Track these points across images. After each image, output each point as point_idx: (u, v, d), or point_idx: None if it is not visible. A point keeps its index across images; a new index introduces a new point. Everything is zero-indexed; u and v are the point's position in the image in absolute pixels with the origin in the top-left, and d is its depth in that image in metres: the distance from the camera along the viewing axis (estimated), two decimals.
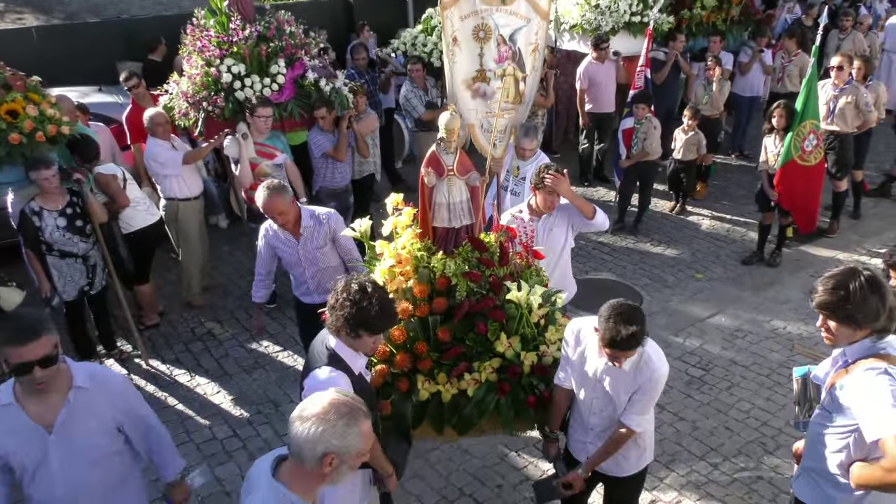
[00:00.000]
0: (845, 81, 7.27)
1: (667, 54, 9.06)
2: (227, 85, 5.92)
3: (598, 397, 3.29)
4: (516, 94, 4.58)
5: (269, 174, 5.89)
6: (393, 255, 3.63)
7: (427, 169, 3.60)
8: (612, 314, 2.95)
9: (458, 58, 4.44)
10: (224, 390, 5.52)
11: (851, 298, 2.67)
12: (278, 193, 4.26)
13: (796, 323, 6.21)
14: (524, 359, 3.56)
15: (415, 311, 3.56)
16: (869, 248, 7.47)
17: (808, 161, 6.61)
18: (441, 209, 3.67)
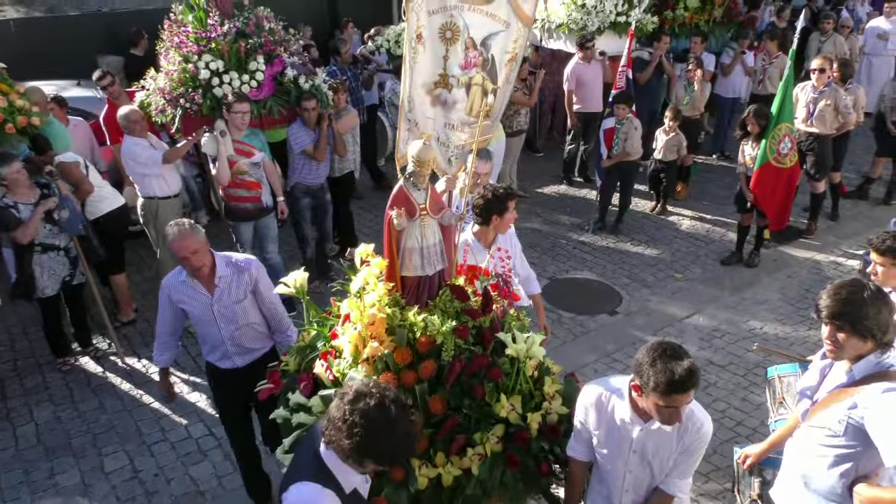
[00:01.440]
0: (825, 84, 7.32)
1: (651, 55, 9.10)
2: (204, 81, 5.86)
3: (634, 470, 2.87)
4: (481, 108, 4.04)
5: (247, 172, 5.86)
6: (366, 317, 3.04)
7: (397, 210, 3.08)
8: (656, 355, 2.54)
9: (421, 58, 3.92)
10: (200, 389, 5.49)
11: (867, 309, 2.65)
12: (190, 232, 3.65)
13: (773, 324, 6.26)
14: (530, 421, 3.09)
15: (399, 381, 3.01)
16: (846, 250, 7.54)
17: (783, 163, 6.69)
18: (412, 255, 3.17)
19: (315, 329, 3.46)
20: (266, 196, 6.14)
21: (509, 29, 3.89)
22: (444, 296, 3.22)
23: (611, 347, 5.92)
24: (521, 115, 8.44)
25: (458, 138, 4.09)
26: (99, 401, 5.44)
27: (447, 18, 3.82)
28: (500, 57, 4.00)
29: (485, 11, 3.88)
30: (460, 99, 3.99)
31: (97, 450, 4.95)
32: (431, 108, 4.04)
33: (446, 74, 3.93)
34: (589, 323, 6.26)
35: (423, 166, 3.14)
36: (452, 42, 3.91)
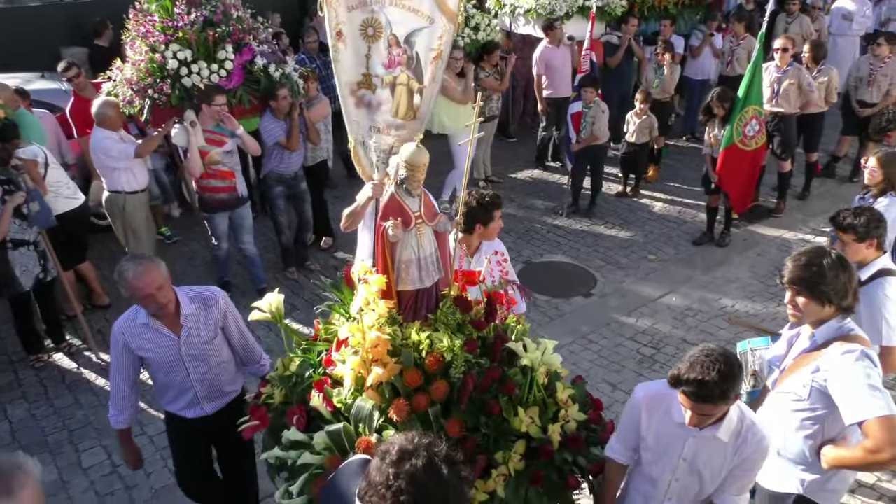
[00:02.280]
0: (788, 63, 7.43)
1: (620, 38, 9.15)
2: (173, 71, 5.79)
3: (681, 479, 2.74)
4: (408, 109, 3.80)
5: (220, 162, 5.80)
6: (369, 342, 2.77)
7: (393, 221, 2.84)
8: (698, 353, 2.49)
9: (343, 56, 3.65)
10: None
11: (825, 274, 2.76)
12: (151, 265, 3.22)
13: (744, 301, 6.38)
14: (551, 433, 2.89)
15: (411, 406, 2.76)
16: (814, 227, 7.69)
17: (748, 146, 6.76)
18: (410, 267, 2.94)
19: (300, 356, 3.17)
20: (241, 185, 6.10)
21: (433, 25, 3.67)
22: (445, 308, 3.02)
23: (586, 329, 5.99)
24: (494, 100, 8.46)
25: (383, 142, 3.85)
26: (74, 397, 5.39)
27: (368, 14, 3.59)
28: (425, 55, 3.77)
29: (407, 7, 3.63)
30: (385, 100, 3.76)
31: (74, 446, 4.91)
32: (355, 109, 3.81)
33: (369, 74, 3.70)
34: (564, 306, 6.32)
35: (416, 170, 2.90)
36: (374, 39, 3.65)
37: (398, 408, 2.68)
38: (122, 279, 3.19)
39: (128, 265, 3.19)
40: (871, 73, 8.11)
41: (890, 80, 8.03)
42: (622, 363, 5.58)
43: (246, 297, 6.48)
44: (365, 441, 2.62)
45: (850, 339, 2.79)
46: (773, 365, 3.18)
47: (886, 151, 4.83)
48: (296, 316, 6.22)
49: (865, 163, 4.87)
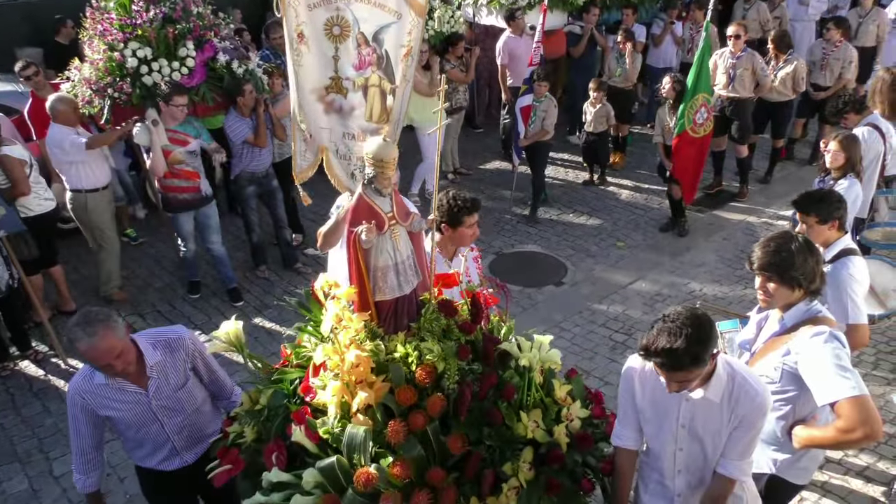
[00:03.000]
0: (742, 49, 7.57)
1: (583, 28, 9.21)
2: (132, 70, 5.69)
3: (685, 447, 2.67)
4: (382, 111, 3.54)
5: (183, 162, 5.72)
6: (348, 364, 2.50)
7: (367, 224, 2.57)
8: (664, 318, 2.43)
9: (307, 60, 3.39)
10: None
11: (794, 259, 2.81)
12: (106, 330, 2.80)
13: (711, 285, 6.49)
14: (557, 435, 2.71)
15: (408, 427, 2.52)
16: (776, 211, 7.85)
17: (698, 133, 6.86)
18: (387, 275, 2.68)
19: (269, 387, 2.84)
20: (205, 185, 6.02)
21: (401, 20, 3.42)
22: (428, 314, 2.79)
23: (559, 317, 6.04)
24: (460, 92, 8.46)
25: (359, 149, 3.52)
26: (42, 404, 5.28)
27: (333, 12, 3.31)
28: (395, 52, 3.51)
29: (373, 2, 3.37)
30: (358, 104, 3.50)
31: (44, 454, 4.82)
32: (325, 116, 3.54)
33: (339, 77, 3.44)
34: (536, 295, 6.37)
35: (385, 167, 2.65)
36: (342, 39, 3.37)
37: (395, 431, 2.43)
38: (75, 348, 2.78)
39: (79, 333, 2.76)
40: (824, 57, 8.30)
41: (842, 64, 8.22)
42: (595, 350, 5.65)
43: (216, 297, 6.44)
44: (364, 473, 2.36)
45: (818, 321, 2.85)
46: (744, 348, 3.24)
47: (846, 134, 4.93)
48: (268, 315, 6.18)
49: (826, 146, 4.96)
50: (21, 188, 5.47)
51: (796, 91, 8.01)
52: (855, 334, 3.45)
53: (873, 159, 5.44)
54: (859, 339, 3.49)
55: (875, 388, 4.94)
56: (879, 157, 5.51)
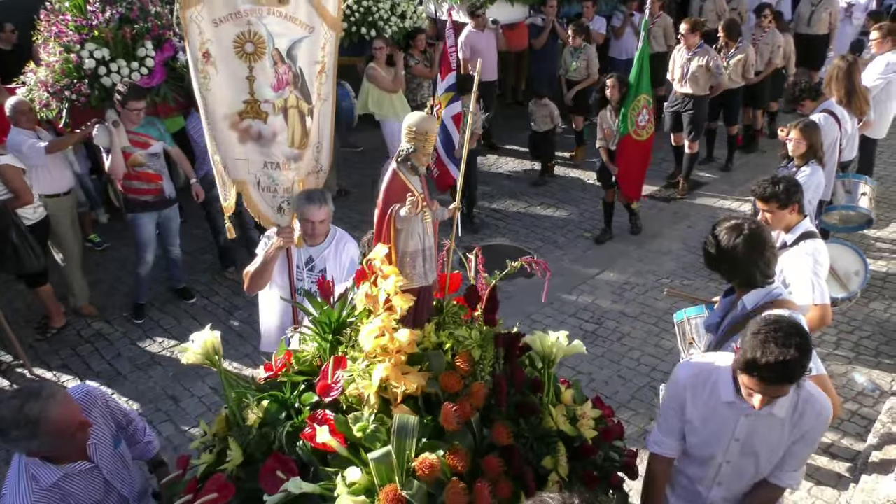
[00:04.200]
0: (696, 45, 7.59)
1: (544, 20, 9.27)
2: (90, 71, 5.57)
3: (733, 461, 2.55)
4: (303, 135, 3.25)
5: (144, 164, 5.62)
6: (397, 342, 2.27)
7: (410, 200, 2.36)
8: (764, 327, 2.22)
9: (215, 83, 3.02)
10: (118, 391, 5.29)
11: (739, 258, 2.87)
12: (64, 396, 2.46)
13: (678, 272, 6.61)
14: (582, 428, 2.60)
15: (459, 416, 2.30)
16: (738, 197, 8.01)
17: (640, 136, 6.67)
18: (416, 260, 2.47)
19: (264, 400, 2.51)
20: (168, 187, 5.92)
21: (314, 34, 3.15)
22: (450, 307, 2.63)
23: (531, 309, 6.09)
24: (425, 87, 8.45)
25: (286, 178, 3.31)
26: None
27: (244, 27, 2.96)
28: (309, 69, 3.20)
29: (283, 14, 3.03)
30: (280, 128, 3.18)
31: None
32: (241, 145, 3.18)
33: (256, 100, 3.08)
34: (507, 287, 6.41)
35: (427, 140, 2.42)
36: (256, 57, 3.00)
37: (448, 415, 2.24)
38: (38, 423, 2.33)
39: (41, 405, 2.34)
40: (755, 43, 8.48)
41: (771, 49, 8.41)
42: None
43: (171, 304, 6.33)
44: (427, 461, 2.14)
45: (778, 304, 2.93)
46: (710, 331, 3.32)
47: (806, 122, 5.05)
48: (238, 316, 6.12)
49: (787, 135, 5.07)
50: (25, 198, 5.36)
51: (746, 78, 8.16)
52: (819, 314, 3.55)
53: (830, 145, 5.58)
54: (823, 318, 3.59)
55: (837, 368, 5.09)
56: (836, 142, 5.66)
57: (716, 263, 2.97)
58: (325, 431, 2.26)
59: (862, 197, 5.75)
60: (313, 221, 3.51)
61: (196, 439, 2.67)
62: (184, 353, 2.57)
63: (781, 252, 3.61)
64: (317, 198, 3.47)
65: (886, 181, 8.03)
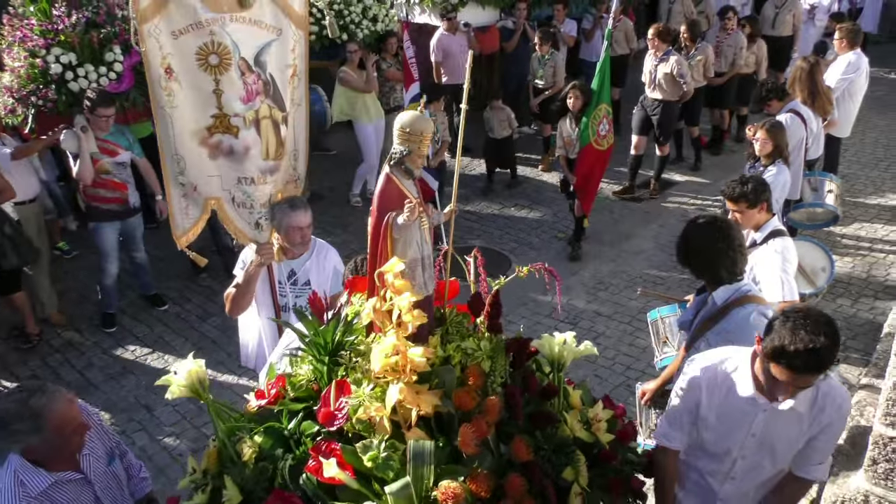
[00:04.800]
0: (663, 52, 7.65)
1: (515, 23, 9.32)
2: (57, 76, 5.48)
3: (748, 456, 2.52)
4: (279, 145, 3.09)
5: (110, 172, 5.53)
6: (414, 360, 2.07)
7: (407, 206, 2.22)
8: (793, 315, 2.20)
9: (180, 99, 2.85)
10: (90, 401, 5.11)
11: (708, 256, 2.97)
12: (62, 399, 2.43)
13: (651, 271, 6.69)
14: (598, 433, 2.47)
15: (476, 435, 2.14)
16: (708, 197, 8.13)
17: (601, 145, 6.53)
18: (415, 270, 2.31)
19: (258, 435, 2.27)
20: (134, 197, 5.82)
21: (282, 36, 3.00)
22: (452, 317, 2.49)
23: (505, 310, 6.07)
24: (397, 90, 8.43)
25: (262, 193, 3.16)
26: None
27: (206, 38, 2.77)
28: (281, 75, 3.06)
29: (247, 19, 2.85)
30: (253, 142, 3.02)
31: None
32: (212, 161, 3.01)
33: (225, 114, 2.92)
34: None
35: (422, 142, 2.28)
36: (222, 69, 2.82)
37: (467, 439, 2.06)
38: (42, 415, 2.35)
39: (46, 398, 2.38)
40: (718, 45, 8.62)
41: (734, 51, 8.54)
42: None
43: (143, 312, 6.23)
44: (449, 489, 1.98)
45: (748, 300, 2.99)
46: (683, 328, 3.37)
47: (772, 122, 5.15)
48: (212, 322, 6.06)
49: (753, 135, 5.16)
50: (8, 193, 5.25)
51: (706, 77, 8.29)
52: None
53: (797, 144, 5.70)
54: None
55: None
56: (802, 141, 5.77)
57: (687, 260, 3.07)
58: (332, 464, 2.04)
59: (828, 194, 5.87)
60: (302, 228, 3.39)
61: (178, 461, 2.63)
62: (166, 386, 2.36)
63: (751, 250, 3.68)
64: (300, 204, 3.37)
65: (851, 179, 8.21)
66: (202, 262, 3.52)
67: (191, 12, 2.75)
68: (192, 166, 3.00)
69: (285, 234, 3.40)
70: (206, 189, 3.06)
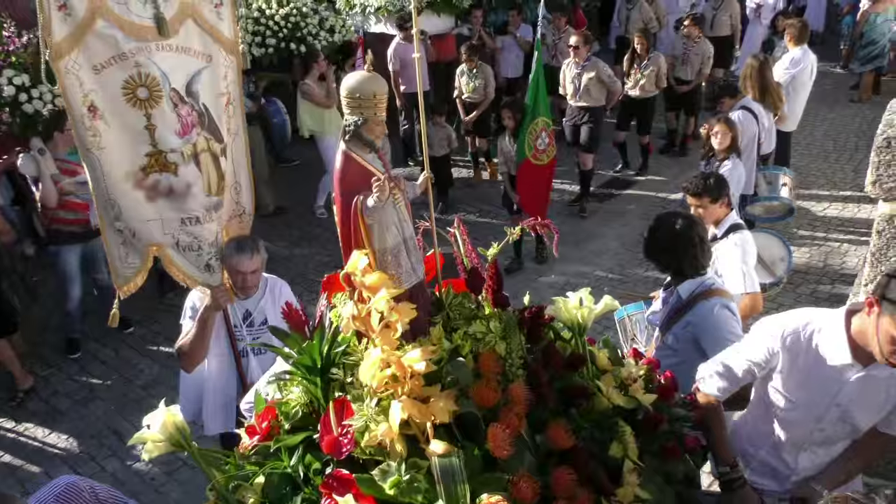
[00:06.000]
0: (584, 59, 7.53)
1: (471, 30, 9.41)
2: (10, 98, 5.38)
3: (827, 428, 2.36)
4: (220, 179, 2.87)
5: (72, 192, 5.44)
6: (411, 367, 1.79)
7: (375, 184, 1.94)
8: None
9: (107, 139, 2.61)
10: (58, 430, 5.09)
11: (670, 252, 3.07)
12: None
13: (616, 269, 6.80)
14: (638, 395, 2.23)
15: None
16: (668, 195, 8.29)
17: (541, 160, 6.36)
18: (399, 256, 2.05)
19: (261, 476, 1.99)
20: (94, 217, 5.72)
21: (213, 63, 2.81)
22: (452, 298, 2.20)
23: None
24: None
25: (209, 232, 2.93)
26: None
27: (132, 70, 2.55)
28: (215, 104, 2.85)
29: (174, 47, 2.64)
30: (194, 178, 2.80)
31: None
32: (150, 204, 2.77)
33: (160, 151, 2.68)
34: None
35: (378, 105, 2.01)
36: (153, 103, 2.60)
37: (498, 441, 1.81)
38: None
39: None
40: (685, 53, 8.76)
41: (701, 59, 8.67)
42: None
43: (108, 335, 6.12)
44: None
45: (712, 293, 3.07)
46: (653, 323, 3.45)
47: (724, 117, 5.29)
48: None
49: (711, 130, 5.29)
50: (6, 236, 5.22)
51: (659, 87, 8.38)
52: (751, 302, 3.73)
53: (750, 140, 5.86)
54: (755, 306, 3.77)
55: None
56: (755, 137, 5.93)
57: (654, 255, 3.16)
58: (349, 501, 1.77)
59: (783, 188, 6.04)
60: (244, 273, 3.12)
61: (151, 486, 2.39)
62: (140, 444, 2.06)
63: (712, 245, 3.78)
64: (248, 247, 3.11)
65: (803, 171, 8.45)
66: (115, 323, 3.28)
67: (112, 43, 2.51)
68: (128, 211, 2.76)
69: (229, 276, 3.18)
70: (146, 235, 2.83)
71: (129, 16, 2.51)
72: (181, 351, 3.21)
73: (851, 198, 7.75)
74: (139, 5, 2.52)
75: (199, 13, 2.72)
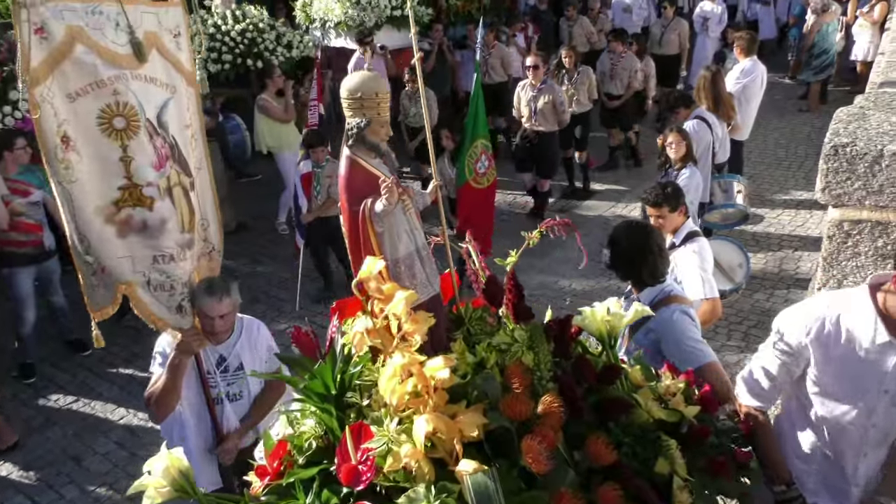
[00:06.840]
0: (541, 81, 7.48)
1: (431, 44, 9.47)
2: None
3: (879, 422, 2.12)
4: (191, 214, 2.75)
5: (24, 213, 5.30)
6: (436, 379, 1.68)
7: (384, 187, 1.87)
8: None
9: (79, 171, 2.46)
10: (11, 461, 4.92)
11: (630, 262, 3.12)
12: None
13: (579, 279, 6.87)
14: (681, 408, 2.07)
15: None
16: (627, 204, 8.41)
17: (481, 183, 6.23)
18: (413, 266, 1.99)
19: None
20: (49, 238, 5.59)
21: (177, 94, 2.72)
22: (471, 312, 2.11)
23: None
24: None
25: (183, 271, 2.78)
26: None
27: (109, 99, 2.43)
28: (182, 136, 2.74)
29: (144, 77, 2.53)
30: (169, 213, 2.66)
31: None
32: (121, 241, 2.61)
33: (135, 184, 2.54)
34: None
35: (380, 105, 1.94)
36: (130, 133, 2.48)
37: (535, 454, 1.67)
38: None
39: None
40: (612, 68, 8.90)
41: (629, 73, 8.81)
42: None
43: (64, 359, 5.96)
44: None
45: (671, 300, 3.13)
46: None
47: (678, 126, 5.41)
48: (138, 364, 5.83)
49: (666, 140, 5.40)
50: None
51: (591, 101, 8.48)
52: (710, 308, 3.79)
53: (705, 149, 6.00)
54: (714, 312, 3.84)
55: (731, 357, 5.42)
56: (710, 146, 6.07)
57: (614, 264, 3.21)
58: None
59: (738, 195, 6.19)
60: (213, 318, 2.94)
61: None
62: (139, 492, 1.87)
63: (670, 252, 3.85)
64: (218, 289, 2.92)
65: (756, 179, 8.66)
66: (100, 343, 3.08)
67: (91, 70, 2.38)
68: (97, 246, 2.60)
69: (199, 318, 2.98)
70: (116, 272, 2.67)
71: (104, 41, 2.41)
72: (151, 400, 3.02)
73: (803, 204, 7.95)
74: (113, 33, 2.43)
75: (162, 43, 2.65)
